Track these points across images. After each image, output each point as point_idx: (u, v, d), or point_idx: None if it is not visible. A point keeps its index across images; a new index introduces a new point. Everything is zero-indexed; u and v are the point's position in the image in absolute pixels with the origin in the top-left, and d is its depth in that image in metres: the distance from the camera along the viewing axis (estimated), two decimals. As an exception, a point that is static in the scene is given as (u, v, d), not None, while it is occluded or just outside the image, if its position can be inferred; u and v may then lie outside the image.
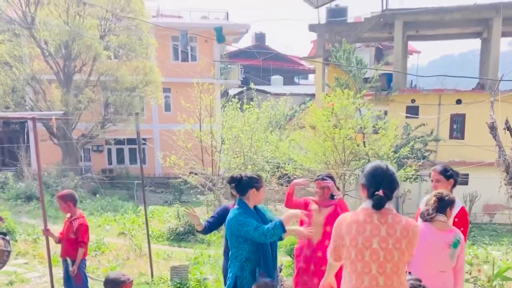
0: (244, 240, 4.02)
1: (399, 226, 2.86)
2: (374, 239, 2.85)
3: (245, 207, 4.07)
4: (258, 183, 4.08)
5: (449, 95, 18.33)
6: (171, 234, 13.58)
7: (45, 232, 5.70)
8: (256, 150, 15.54)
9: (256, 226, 3.89)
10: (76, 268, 5.42)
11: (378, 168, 2.98)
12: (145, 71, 20.89)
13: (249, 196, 4.08)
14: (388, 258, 2.84)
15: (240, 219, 3.97)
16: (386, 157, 14.72)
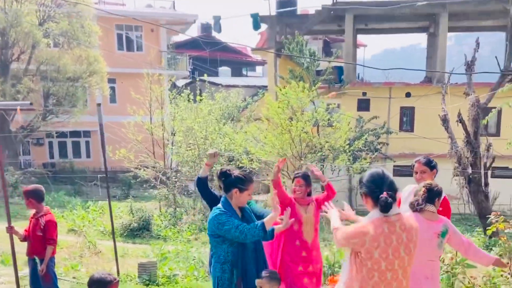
0: (223, 240, 3.90)
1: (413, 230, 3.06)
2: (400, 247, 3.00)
3: (227, 207, 3.93)
4: (242, 185, 3.93)
5: (399, 88, 18.77)
6: (124, 230, 13.07)
7: (8, 230, 5.30)
8: (210, 143, 15.26)
9: (237, 225, 3.78)
10: (45, 267, 5.17)
11: (375, 173, 3.12)
12: (89, 60, 19.97)
13: (232, 196, 3.94)
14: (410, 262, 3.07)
15: (220, 218, 3.84)
16: (342, 150, 14.89)
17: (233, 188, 3.92)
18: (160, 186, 15.71)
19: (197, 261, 8.88)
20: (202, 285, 7.27)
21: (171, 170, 16.03)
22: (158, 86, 17.13)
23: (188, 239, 12.55)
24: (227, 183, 3.96)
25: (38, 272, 5.22)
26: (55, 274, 5.48)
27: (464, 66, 11.83)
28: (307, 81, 16.29)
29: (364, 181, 3.12)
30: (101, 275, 3.63)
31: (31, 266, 5.36)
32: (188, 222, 14.09)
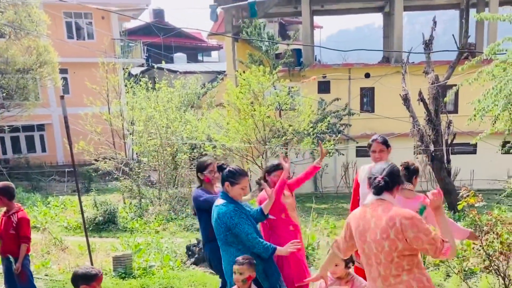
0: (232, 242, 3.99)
1: (385, 216, 2.96)
2: (367, 233, 3.04)
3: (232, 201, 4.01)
4: (232, 179, 4.02)
5: (358, 69, 18.97)
6: (89, 224, 12.62)
7: None
8: (172, 131, 14.99)
9: (247, 233, 3.89)
10: (20, 266, 5.05)
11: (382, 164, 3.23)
12: (38, 50, 19.07)
13: (226, 189, 4.04)
14: (379, 249, 2.98)
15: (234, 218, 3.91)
16: (306, 133, 14.97)
17: (225, 182, 4.04)
18: (123, 178, 15.34)
19: (170, 251, 8.75)
20: (179, 275, 7.17)
21: (133, 161, 15.66)
22: (113, 75, 16.65)
23: (157, 230, 12.35)
24: (222, 177, 4.12)
25: (13, 271, 5.09)
26: (31, 272, 5.38)
27: (422, 45, 12.08)
28: (266, 65, 16.20)
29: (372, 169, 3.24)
30: (85, 269, 3.57)
31: (5, 265, 5.23)
32: (155, 213, 13.83)
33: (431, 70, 11.89)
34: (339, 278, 3.81)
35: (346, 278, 3.82)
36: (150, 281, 6.81)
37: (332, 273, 3.82)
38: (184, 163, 15.65)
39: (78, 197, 7.27)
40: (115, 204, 13.97)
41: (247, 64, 16.72)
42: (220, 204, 3.99)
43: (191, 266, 7.91)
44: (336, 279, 3.79)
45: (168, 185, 15.32)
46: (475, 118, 8.50)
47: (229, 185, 4.01)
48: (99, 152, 15.46)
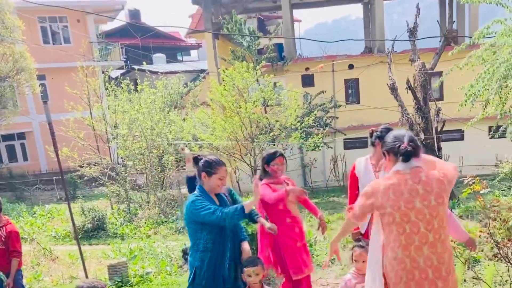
0: (201, 228, 3.80)
1: (434, 181, 2.98)
2: (415, 200, 2.94)
3: (202, 192, 3.86)
4: (209, 168, 3.85)
5: (342, 60, 18.92)
6: (78, 232, 12.35)
7: None
8: (158, 132, 14.73)
9: (214, 210, 3.69)
10: (11, 282, 4.82)
11: (396, 131, 3.22)
12: (14, 57, 18.58)
13: (203, 181, 3.89)
14: (433, 215, 2.96)
15: (197, 204, 3.75)
16: (293, 128, 14.85)
17: (201, 172, 3.89)
18: (110, 183, 15.04)
19: (165, 256, 8.54)
20: (177, 280, 6.97)
21: (119, 165, 15.36)
22: (93, 79, 16.33)
23: (148, 235, 12.15)
24: (198, 169, 3.94)
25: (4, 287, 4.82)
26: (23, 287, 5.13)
27: (407, 32, 12.02)
28: (249, 61, 16.01)
29: (386, 141, 3.15)
30: (89, 283, 3.37)
31: None
32: (145, 217, 13.63)
33: (417, 58, 11.83)
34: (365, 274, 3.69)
35: None
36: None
37: (359, 269, 3.70)
38: (171, 165, 15.43)
39: (68, 204, 7.06)
40: (103, 210, 13.71)
41: (230, 61, 16.51)
42: (189, 196, 3.95)
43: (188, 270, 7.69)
44: (363, 276, 3.66)
45: (156, 188, 15.08)
46: (466, 103, 8.46)
47: (206, 175, 3.86)
48: (84, 158, 15.15)
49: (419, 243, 2.97)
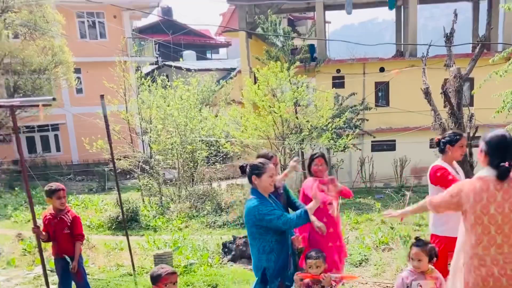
0: (266, 230, 3.94)
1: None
2: (491, 206, 3.11)
3: (260, 196, 3.99)
4: (257, 170, 4.00)
5: (373, 63, 18.99)
6: (112, 223, 12.75)
7: (34, 230, 5.07)
8: (191, 128, 15.02)
9: (279, 215, 3.86)
10: (76, 264, 5.09)
11: (502, 138, 3.17)
12: (53, 51, 19.15)
13: (255, 184, 4.02)
14: (505, 221, 3.12)
15: (261, 208, 3.88)
16: (324, 129, 14.99)
17: (252, 176, 4.03)
18: (143, 176, 15.37)
19: (202, 249, 8.79)
20: (220, 272, 7.20)
21: (153, 159, 15.69)
22: (128, 74, 16.72)
23: (179, 228, 12.40)
24: (247, 176, 4.08)
25: (70, 271, 5.10)
26: (84, 270, 5.42)
27: (444, 38, 12.04)
28: (283, 61, 16.19)
29: (488, 141, 3.21)
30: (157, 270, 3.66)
31: (61, 266, 5.21)
32: (176, 211, 13.89)
33: (453, 63, 11.82)
34: (422, 272, 3.83)
35: (429, 273, 3.84)
36: (194, 279, 6.84)
37: (416, 267, 3.85)
38: (203, 161, 15.70)
39: (118, 194, 7.36)
40: (136, 202, 14.04)
41: (264, 60, 16.71)
42: (248, 200, 4.07)
43: (228, 263, 7.94)
44: (420, 274, 3.82)
45: (188, 182, 15.37)
46: (503, 110, 8.51)
47: (256, 178, 4.00)
48: (117, 151, 15.49)
49: (486, 243, 3.17)
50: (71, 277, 5.22)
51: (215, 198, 14.25)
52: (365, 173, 19.19)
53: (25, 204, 15.57)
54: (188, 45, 34.91)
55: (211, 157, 16.24)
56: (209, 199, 14.42)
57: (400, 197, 12.37)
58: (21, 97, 18.64)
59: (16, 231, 11.78)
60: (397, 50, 20.20)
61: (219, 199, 14.13)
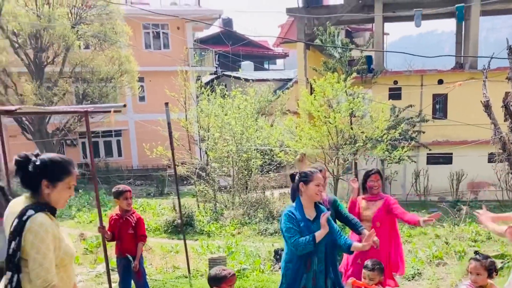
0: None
1: None
2: None
3: (297, 207, 4.06)
4: (305, 177, 4.02)
5: (431, 75, 18.68)
6: (168, 227, 13.20)
7: (100, 230, 5.39)
8: (247, 137, 15.34)
9: (291, 235, 3.91)
10: (137, 263, 5.32)
11: None
12: (120, 60, 20.20)
13: (302, 191, 4.05)
14: None
15: (285, 221, 4.00)
16: (379, 140, 14.88)
17: (299, 183, 4.05)
18: (199, 182, 15.81)
19: (254, 255, 8.96)
20: (272, 278, 7.35)
21: (209, 166, 16.13)
22: (188, 83, 17.34)
23: (232, 234, 12.63)
24: (296, 184, 4.11)
25: (132, 269, 5.32)
26: (144, 270, 5.64)
27: (507, 50, 11.68)
28: (340, 72, 16.24)
29: None
30: (216, 271, 3.73)
31: (123, 265, 5.43)
32: (230, 217, 14.16)
33: (515, 76, 11.43)
34: (481, 287, 3.81)
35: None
36: (246, 283, 7.01)
37: (473, 281, 3.82)
38: (257, 169, 15.97)
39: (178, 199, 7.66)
40: (191, 207, 14.45)
41: (321, 71, 16.84)
42: (288, 206, 4.17)
43: (279, 270, 8.02)
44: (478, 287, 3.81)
45: (241, 190, 15.67)
46: None
47: (303, 185, 4.01)
48: (176, 157, 16.00)
49: None
50: (131, 276, 5.45)
51: (267, 206, 14.45)
52: (420, 186, 18.81)
53: (87, 205, 16.38)
54: (247, 55, 35.55)
55: (265, 165, 16.49)
56: (261, 207, 14.62)
57: (456, 211, 12.05)
58: (89, 104, 19.78)
59: (79, 230, 12.43)
60: (457, 62, 19.73)
61: (271, 207, 14.31)
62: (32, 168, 2.46)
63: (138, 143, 22.86)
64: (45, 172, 2.47)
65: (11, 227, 2.40)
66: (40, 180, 2.47)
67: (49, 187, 2.49)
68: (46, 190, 2.49)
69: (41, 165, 2.47)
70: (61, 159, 2.58)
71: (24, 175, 2.47)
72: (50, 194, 2.50)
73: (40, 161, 2.47)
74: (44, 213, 2.45)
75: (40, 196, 2.49)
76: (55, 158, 2.55)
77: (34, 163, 2.46)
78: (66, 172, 2.55)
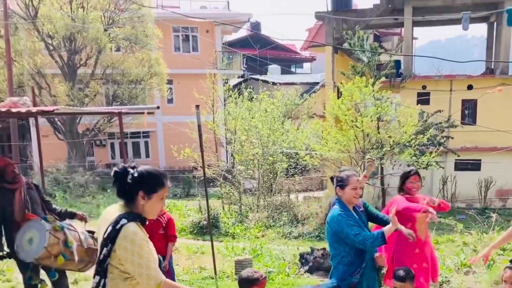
0: (344, 241, 3.98)
1: None
2: None
3: (343, 206, 4.04)
4: (341, 182, 4.06)
5: (460, 80, 18.44)
6: (194, 228, 13.37)
7: None
8: (274, 141, 15.41)
9: (357, 233, 3.87)
10: (167, 264, 5.40)
11: None
12: (150, 62, 20.59)
13: (339, 195, 4.08)
14: None
15: (342, 221, 3.93)
16: (407, 145, 14.73)
17: (337, 186, 4.10)
18: (224, 184, 15.95)
19: (279, 258, 9.00)
20: (297, 282, 7.38)
21: (235, 169, 16.27)
22: (216, 86, 17.53)
23: (256, 236, 12.71)
24: (335, 185, 4.16)
25: (162, 269, 5.40)
26: (173, 270, 5.72)
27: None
28: (368, 76, 16.16)
29: None
30: (248, 273, 3.77)
31: None
32: (254, 219, 14.24)
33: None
34: None
35: None
36: (272, 287, 7.04)
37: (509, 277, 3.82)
38: (282, 172, 16.02)
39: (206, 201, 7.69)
40: (217, 209, 14.58)
41: (349, 75, 16.79)
42: (332, 209, 4.13)
43: (305, 274, 8.06)
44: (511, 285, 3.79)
45: (266, 193, 15.74)
46: None
47: (340, 189, 4.06)
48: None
49: None
50: None
51: (292, 210, 14.50)
52: (447, 192, 18.54)
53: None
54: (274, 59, 35.65)
55: (291, 169, 16.52)
56: (286, 210, 14.68)
57: (484, 219, 11.83)
58: (118, 105, 20.19)
59: (109, 230, 12.70)
60: (487, 68, 19.41)
61: (296, 211, 14.37)
62: (130, 179, 2.60)
63: (165, 145, 23.15)
64: (142, 184, 2.61)
65: (104, 234, 2.55)
66: (137, 191, 2.61)
67: (145, 198, 2.63)
68: (141, 201, 2.63)
69: (138, 177, 2.61)
70: (157, 172, 2.72)
71: (121, 186, 2.63)
72: (145, 205, 2.64)
73: (138, 174, 2.62)
74: (135, 223, 2.59)
75: (135, 206, 2.63)
76: (152, 171, 2.70)
77: (132, 175, 2.60)
78: (161, 184, 2.68)
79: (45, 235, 4.66)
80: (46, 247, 4.63)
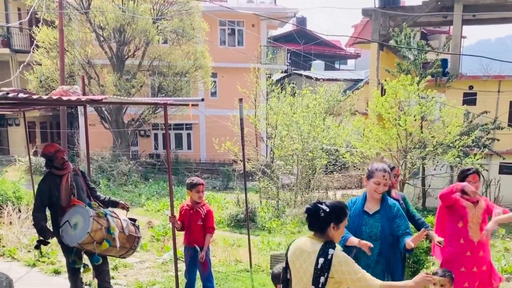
0: None
1: None
2: None
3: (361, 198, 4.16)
4: (369, 172, 4.09)
5: (509, 81, 17.84)
6: (231, 221, 13.52)
7: (171, 219, 5.63)
8: (314, 136, 15.37)
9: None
10: (204, 254, 5.47)
11: None
12: (195, 55, 20.86)
13: (365, 185, 4.16)
14: None
15: None
16: (451, 146, 14.41)
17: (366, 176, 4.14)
18: (263, 179, 16.02)
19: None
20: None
21: (274, 164, 16.32)
22: (259, 80, 17.60)
23: (293, 232, 12.71)
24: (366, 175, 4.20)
25: (198, 260, 5.49)
26: (210, 261, 5.76)
27: None
28: (413, 75, 15.86)
29: None
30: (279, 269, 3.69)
31: (190, 255, 5.60)
32: (291, 215, 14.24)
33: None
34: None
35: None
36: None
37: None
38: (321, 169, 15.94)
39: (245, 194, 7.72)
40: (254, 203, 14.66)
41: (394, 73, 16.54)
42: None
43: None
44: None
45: (304, 189, 15.72)
46: None
47: (366, 179, 4.12)
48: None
49: None
50: (197, 266, 5.61)
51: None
52: (490, 196, 17.97)
53: (156, 195, 17.06)
54: (318, 55, 35.42)
55: (330, 165, 16.42)
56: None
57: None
58: (163, 97, 20.62)
59: (148, 218, 12.96)
60: (539, 69, 18.65)
61: (334, 208, 14.21)
62: (323, 213, 2.93)
63: (207, 137, 23.44)
64: (333, 216, 2.95)
65: (316, 265, 2.88)
66: (329, 223, 2.95)
67: (335, 228, 2.97)
68: (332, 231, 2.97)
69: (330, 211, 2.93)
70: (342, 205, 3.05)
71: (315, 220, 2.96)
72: (334, 234, 2.99)
73: (329, 208, 2.94)
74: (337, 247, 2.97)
75: (326, 235, 2.97)
76: (337, 204, 3.03)
77: (325, 210, 2.92)
78: (345, 214, 3.04)
79: (89, 221, 4.81)
80: (89, 233, 4.78)
